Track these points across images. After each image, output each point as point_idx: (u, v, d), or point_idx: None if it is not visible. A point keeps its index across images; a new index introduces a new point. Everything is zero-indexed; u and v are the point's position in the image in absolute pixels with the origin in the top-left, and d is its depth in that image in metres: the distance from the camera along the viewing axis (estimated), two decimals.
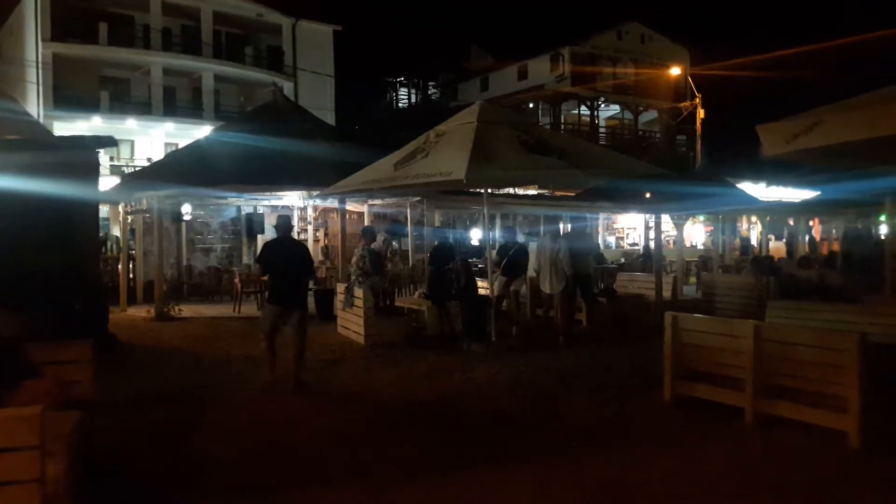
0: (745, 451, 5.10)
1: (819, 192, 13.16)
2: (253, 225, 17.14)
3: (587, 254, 10.79)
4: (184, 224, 16.39)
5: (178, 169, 13.77)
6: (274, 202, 16.34)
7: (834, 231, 20.47)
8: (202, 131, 23.55)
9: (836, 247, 18.36)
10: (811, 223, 20.81)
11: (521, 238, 13.96)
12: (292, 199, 15.03)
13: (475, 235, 19.46)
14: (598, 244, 20.12)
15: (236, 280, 13.79)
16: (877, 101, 5.02)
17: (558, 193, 18.35)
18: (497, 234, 16.30)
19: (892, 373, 5.73)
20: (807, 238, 19.96)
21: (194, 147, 15.55)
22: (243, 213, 17.76)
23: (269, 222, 17.39)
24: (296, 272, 7.27)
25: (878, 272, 9.55)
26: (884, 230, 15.86)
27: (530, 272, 11.19)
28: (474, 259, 14.34)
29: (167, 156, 21.81)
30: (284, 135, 13.41)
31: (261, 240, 17.06)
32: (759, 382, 5.55)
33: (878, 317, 6.97)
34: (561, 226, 15.20)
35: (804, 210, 16.59)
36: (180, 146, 21.70)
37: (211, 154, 13.94)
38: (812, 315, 7.24)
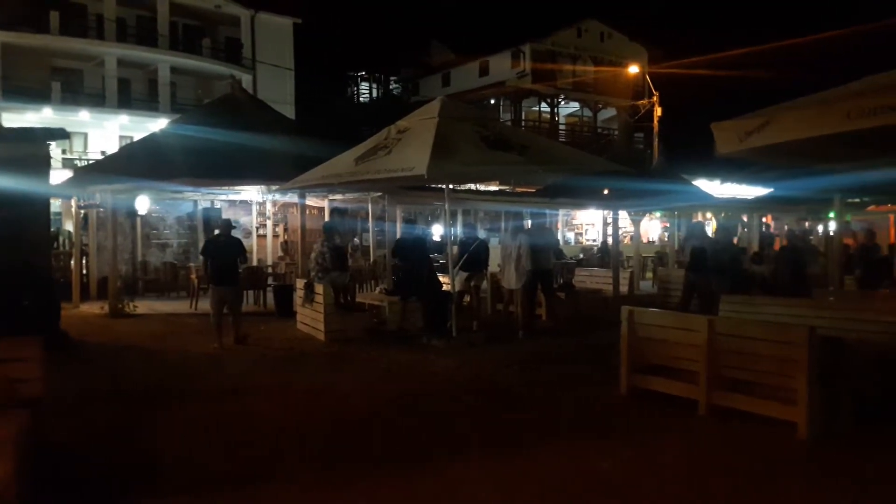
0: (698, 442, 5.23)
1: (772, 189, 13.51)
2: (210, 220, 16.86)
3: (547, 249, 10.89)
4: (139, 219, 16.06)
5: (133, 162, 13.45)
6: (232, 197, 16.11)
7: (786, 227, 21.02)
8: (158, 124, 23.07)
9: (785, 242, 18.87)
10: (764, 219, 21.35)
11: (482, 234, 14.02)
12: (251, 193, 14.85)
13: (437, 231, 19.47)
14: (558, 240, 20.32)
15: (193, 276, 13.56)
16: (825, 101, 5.17)
17: (519, 190, 18.48)
18: (459, 229, 16.35)
19: (840, 365, 5.91)
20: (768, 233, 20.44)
21: (150, 140, 15.20)
22: (200, 207, 17.47)
23: (227, 217, 17.15)
24: (230, 258, 9.42)
25: (726, 272, 9.80)
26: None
27: (493, 268, 11.26)
28: (436, 255, 14.36)
29: (122, 149, 21.31)
30: (243, 128, 13.19)
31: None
32: (713, 375, 5.68)
33: (827, 310, 7.18)
34: (523, 222, 15.32)
35: (757, 206, 17.02)
36: (135, 139, 21.19)
37: (167, 147, 13.65)
38: (764, 309, 7.43)
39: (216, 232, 10.29)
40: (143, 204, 15.44)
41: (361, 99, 46.69)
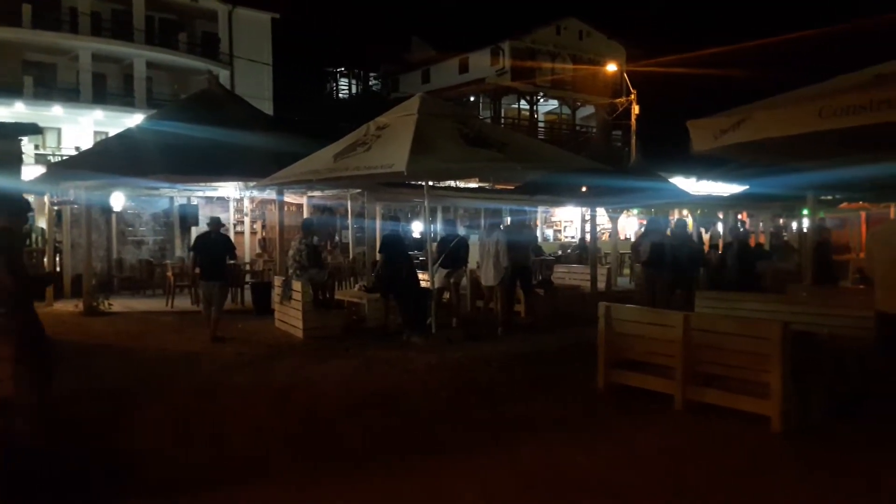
0: (674, 436, 5.29)
1: (747, 187, 13.69)
2: (187, 216, 16.70)
3: (526, 246, 10.94)
4: (114, 216, 15.85)
5: (108, 158, 13.25)
6: (209, 193, 15.95)
7: (761, 224, 21.29)
8: (133, 119, 22.77)
9: (762, 239, 19.12)
10: (740, 216, 21.60)
11: (461, 231, 14.04)
12: (228, 190, 14.72)
13: (417, 228, 19.46)
14: (537, 237, 20.40)
15: (169, 273, 13.42)
16: (798, 100, 5.24)
17: (498, 187, 18.52)
18: (438, 226, 16.35)
19: (812, 359, 6.01)
20: (739, 230, 20.66)
21: (125, 136, 14.99)
22: (176, 204, 17.28)
23: (204, 213, 16.98)
24: (219, 255, 9.80)
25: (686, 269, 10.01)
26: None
27: (472, 264, 11.28)
28: (416, 252, 14.35)
29: (96, 144, 21.02)
30: (220, 124, 13.06)
31: (195, 231, 16.66)
32: (688, 370, 5.75)
33: (800, 306, 7.29)
34: (500, 219, 15.39)
35: (733, 204, 17.22)
36: (110, 135, 20.90)
37: (143, 143, 13.47)
38: (739, 305, 7.53)
39: (207, 229, 10.57)
40: (118, 200, 15.23)
41: (341, 95, 46.49)
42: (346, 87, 47.30)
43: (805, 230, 14.07)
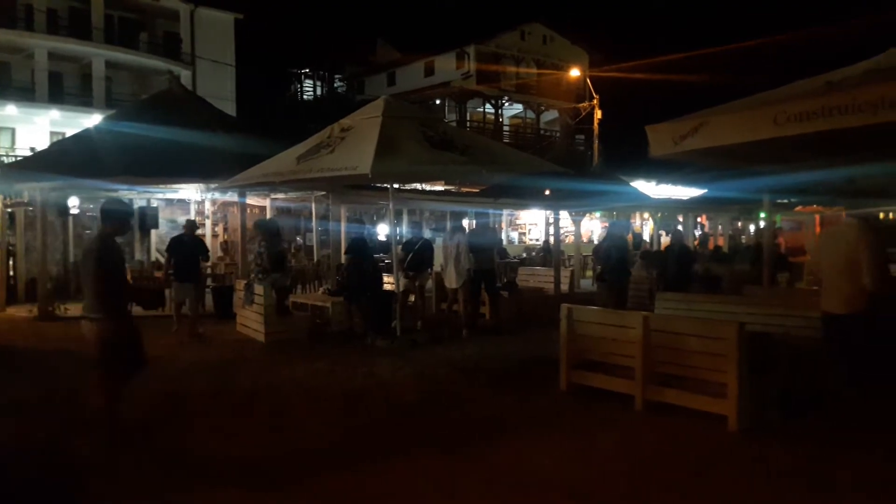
0: (634, 435, 5.37)
1: (705, 190, 13.97)
2: (146, 219, 16.35)
3: (490, 249, 11.00)
4: (70, 218, 15.48)
5: (65, 159, 12.95)
6: (169, 195, 15.67)
7: (720, 227, 21.76)
8: (92, 120, 22.30)
9: (721, 241, 19.56)
10: (699, 219, 22.04)
11: (427, 233, 14.05)
12: (189, 192, 14.47)
13: (382, 231, 19.41)
14: (502, 239, 20.53)
15: (128, 277, 13.14)
16: (755, 106, 5.38)
17: (464, 190, 18.58)
18: (404, 229, 16.33)
19: (768, 359, 6.16)
20: (697, 233, 21.14)
21: (83, 136, 14.67)
22: (136, 206, 16.94)
23: (164, 216, 16.69)
24: (192, 256, 10.06)
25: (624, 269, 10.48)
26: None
27: (436, 267, 11.30)
28: (381, 254, 14.32)
29: (53, 145, 20.49)
30: (181, 125, 12.87)
31: (154, 235, 16.37)
32: (648, 371, 5.85)
33: (756, 307, 7.46)
34: (464, 221, 15.42)
35: (692, 207, 17.56)
36: (67, 135, 20.42)
37: (101, 144, 13.20)
38: (698, 306, 7.68)
39: (182, 231, 10.92)
40: (75, 203, 14.90)
41: (305, 97, 46.13)
42: (311, 89, 46.97)
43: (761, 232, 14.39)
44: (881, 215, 19.48)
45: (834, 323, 5.97)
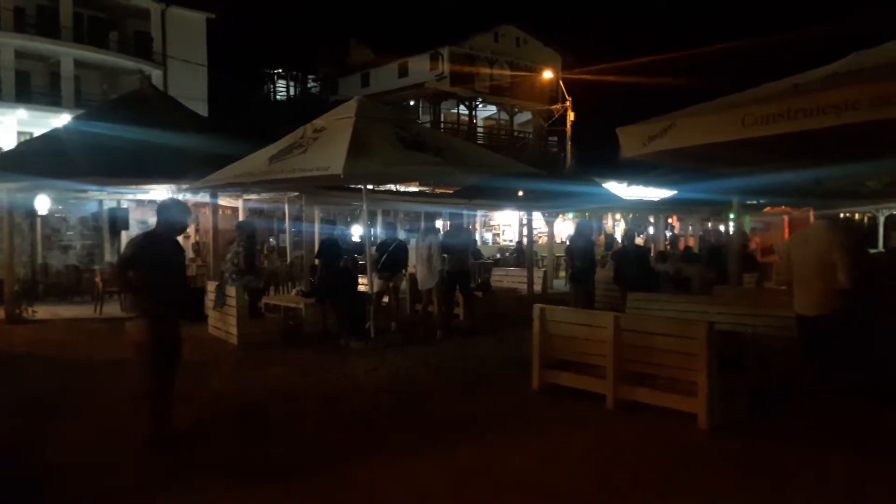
0: (605, 434, 5.43)
1: (676, 192, 14.15)
2: (116, 220, 16.15)
3: (465, 249, 11.03)
4: (38, 219, 15.21)
5: (33, 159, 12.70)
6: (140, 196, 15.48)
7: (690, 228, 22.04)
8: (60, 120, 21.88)
9: (691, 242, 19.82)
10: (670, 220, 22.32)
11: (402, 235, 14.03)
12: (160, 193, 14.27)
13: (356, 232, 19.35)
14: (476, 240, 20.57)
15: (98, 279, 12.96)
16: (724, 107, 5.46)
17: (438, 191, 18.61)
18: (378, 230, 16.31)
19: (736, 358, 6.26)
20: (668, 234, 21.41)
21: (51, 136, 14.41)
22: (106, 207, 16.71)
23: (135, 217, 16.48)
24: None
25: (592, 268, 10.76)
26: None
27: (411, 268, 11.30)
28: (356, 255, 14.27)
29: (20, 145, 20.07)
30: (152, 125, 12.70)
31: (125, 236, 16.12)
32: (619, 370, 5.91)
33: (726, 307, 7.58)
34: (438, 222, 15.45)
35: (663, 208, 17.78)
36: (35, 135, 20.04)
37: (70, 144, 12.98)
38: (668, 306, 7.78)
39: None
40: (43, 203, 14.64)
41: (278, 97, 45.81)
42: (284, 89, 46.66)
43: (731, 233, 14.60)
44: (857, 216, 19.95)
45: (806, 323, 6.10)
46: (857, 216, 20.09)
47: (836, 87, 4.71)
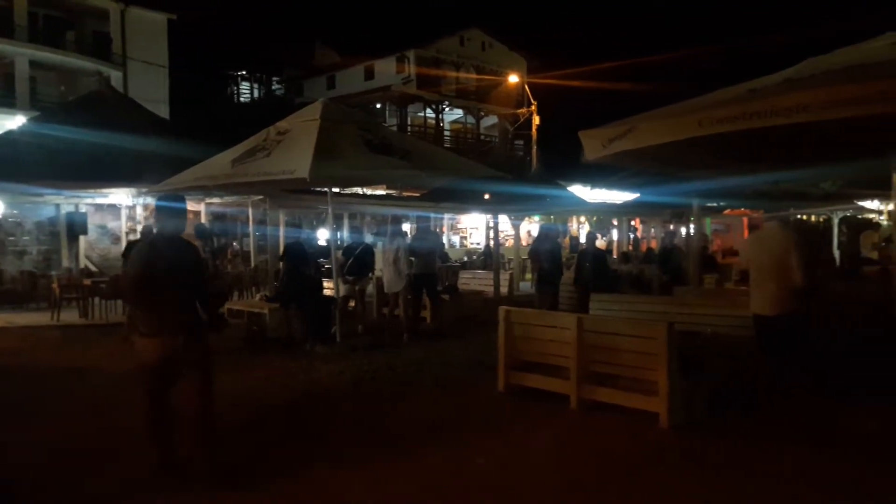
0: (569, 435, 5.47)
1: (638, 195, 14.37)
2: (74, 225, 15.79)
3: (432, 253, 11.03)
4: None
5: None
6: (99, 200, 15.17)
7: (653, 230, 22.37)
8: (15, 121, 21.30)
9: (654, 244, 20.11)
10: (633, 223, 22.63)
11: (368, 238, 13.98)
12: (119, 196, 14.03)
13: (322, 235, 19.22)
14: (443, 243, 20.59)
15: (55, 285, 12.64)
16: (681, 111, 5.57)
17: (406, 194, 18.59)
18: (345, 233, 16.23)
19: (697, 357, 6.37)
20: (630, 236, 21.71)
21: (6, 138, 14.08)
22: (63, 211, 16.34)
23: (94, 222, 16.15)
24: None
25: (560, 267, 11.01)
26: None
27: (377, 272, 11.26)
28: (322, 259, 14.17)
29: None
30: (111, 127, 12.48)
31: (83, 241, 15.78)
32: (582, 370, 5.97)
33: (686, 307, 7.72)
34: (405, 225, 15.42)
35: (625, 211, 18.03)
36: None
37: (26, 146, 12.70)
38: (630, 306, 7.89)
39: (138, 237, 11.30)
40: None
41: (242, 99, 45.31)
42: (248, 91, 46.15)
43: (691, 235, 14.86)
44: (812, 218, 20.45)
45: (763, 323, 6.24)
46: (812, 218, 20.61)
47: (789, 92, 4.84)
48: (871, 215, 20.42)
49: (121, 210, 15.81)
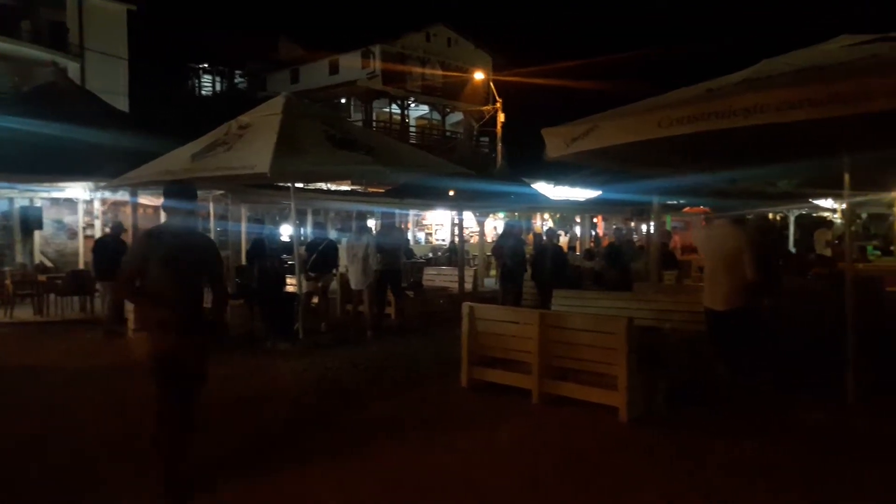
0: (530, 429, 5.53)
1: (601, 192, 14.54)
2: (29, 220, 15.37)
3: (397, 249, 11.01)
4: None
5: None
6: (55, 194, 14.78)
7: (614, 227, 22.65)
8: None
9: (608, 241, 20.36)
10: (595, 220, 22.89)
11: (332, 234, 13.89)
12: (76, 191, 13.68)
13: (285, 231, 19.03)
14: (408, 240, 20.58)
15: (7, 282, 12.30)
16: (643, 110, 5.65)
17: (370, 190, 18.51)
18: (309, 229, 16.08)
19: (655, 352, 6.48)
20: (592, 233, 21.96)
21: None
22: (17, 206, 15.89)
23: (50, 216, 15.75)
24: (115, 258, 9.31)
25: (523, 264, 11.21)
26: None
27: (342, 268, 11.19)
28: (285, 255, 14.04)
29: None
30: (67, 120, 12.15)
31: (38, 236, 15.38)
32: (544, 365, 6.03)
33: (645, 303, 7.84)
34: (370, 222, 15.35)
35: (588, 208, 18.23)
36: None
37: None
38: (591, 302, 8.00)
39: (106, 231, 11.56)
40: None
41: (204, 92, 44.54)
42: (210, 85, 45.38)
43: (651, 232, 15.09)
44: (770, 216, 20.92)
45: (716, 318, 6.38)
46: (769, 216, 21.09)
47: (746, 92, 4.94)
48: (826, 213, 21.00)
49: (78, 204, 15.45)
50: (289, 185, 10.38)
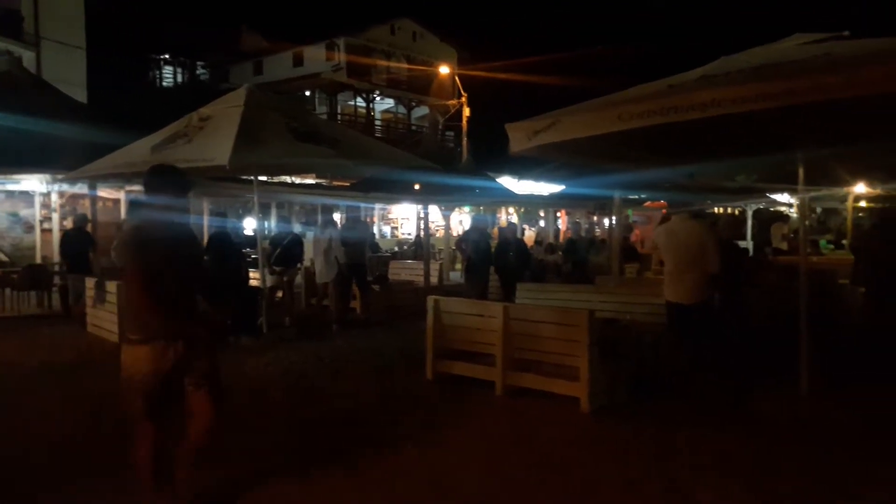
0: (493, 421, 5.58)
1: (564, 187, 14.68)
2: None
3: (362, 243, 10.99)
4: None
5: None
6: (10, 187, 14.40)
7: (577, 221, 22.91)
8: None
9: (568, 234, 20.63)
10: (559, 214, 23.11)
11: (297, 228, 13.78)
12: (32, 183, 13.37)
13: (249, 225, 18.81)
14: (373, 233, 20.52)
15: None
16: (604, 105, 5.72)
17: (335, 183, 18.39)
18: (273, 223, 15.95)
19: (616, 344, 6.59)
20: (557, 227, 22.20)
21: None
22: None
23: (3, 209, 15.35)
24: (83, 250, 10.76)
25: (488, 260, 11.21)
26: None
27: (307, 262, 11.12)
28: (247, 249, 13.89)
29: None
30: (22, 111, 11.87)
31: None
32: (508, 357, 6.10)
33: (607, 295, 7.97)
34: (335, 215, 15.30)
35: (552, 203, 18.40)
36: None
37: None
38: (554, 295, 8.09)
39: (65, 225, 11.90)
40: None
41: (165, 84, 43.71)
42: (171, 76, 44.55)
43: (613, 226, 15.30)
44: (728, 210, 21.35)
45: (679, 312, 6.51)
46: (728, 210, 21.54)
47: (704, 88, 5.05)
48: (783, 208, 21.53)
49: (34, 197, 15.08)
50: (251, 178, 10.27)
